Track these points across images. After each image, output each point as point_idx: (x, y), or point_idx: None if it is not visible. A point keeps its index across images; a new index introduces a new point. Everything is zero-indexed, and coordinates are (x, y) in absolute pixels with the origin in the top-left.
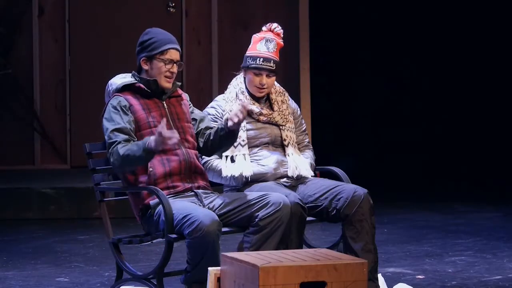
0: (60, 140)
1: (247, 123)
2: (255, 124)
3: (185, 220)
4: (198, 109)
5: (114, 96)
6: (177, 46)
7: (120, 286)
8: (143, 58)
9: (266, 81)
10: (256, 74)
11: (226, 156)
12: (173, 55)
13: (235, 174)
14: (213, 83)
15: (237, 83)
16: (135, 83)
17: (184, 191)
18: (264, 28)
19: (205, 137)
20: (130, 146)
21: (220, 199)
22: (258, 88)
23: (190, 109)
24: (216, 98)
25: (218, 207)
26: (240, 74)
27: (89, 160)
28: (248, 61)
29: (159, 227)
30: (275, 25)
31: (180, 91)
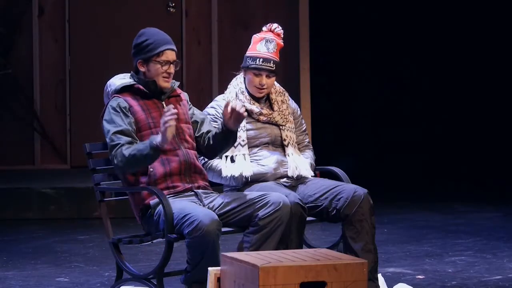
0: (60, 140)
1: (247, 123)
2: (255, 124)
3: (185, 220)
4: (198, 108)
5: (113, 97)
6: (172, 46)
7: (120, 286)
8: (139, 60)
9: (266, 81)
10: (255, 75)
11: (226, 156)
12: (169, 55)
13: (235, 174)
14: (213, 83)
15: (237, 83)
16: (134, 84)
17: (184, 191)
18: (264, 29)
19: (206, 141)
20: (136, 146)
21: (220, 199)
22: (258, 88)
23: (190, 110)
24: (216, 98)
25: (218, 207)
26: (240, 74)
27: (89, 160)
28: (248, 62)
29: (159, 227)
30: (275, 25)
31: (179, 90)
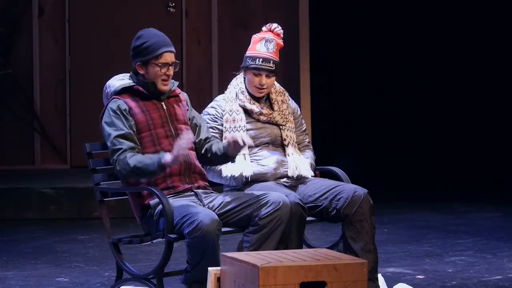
0: (60, 140)
1: (247, 123)
2: (255, 124)
3: (185, 220)
4: (198, 108)
5: (112, 99)
6: (171, 48)
7: (120, 286)
8: (138, 63)
9: (266, 81)
10: (255, 75)
11: None
12: (168, 58)
13: (235, 174)
14: (213, 83)
15: (237, 83)
16: (133, 85)
17: (183, 191)
18: (264, 28)
19: (203, 151)
20: (142, 159)
21: (220, 199)
22: (258, 88)
23: (188, 111)
24: (216, 98)
25: (218, 206)
26: (240, 74)
27: (89, 160)
28: (248, 61)
29: (159, 227)
30: (275, 25)
31: (178, 90)
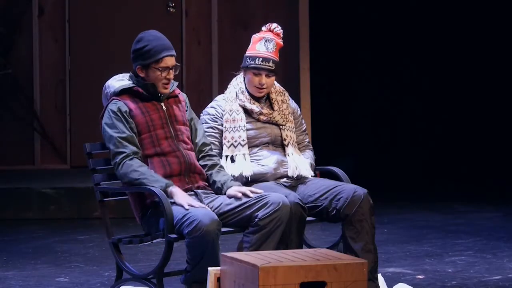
0: (60, 140)
1: (247, 123)
2: (255, 123)
3: (184, 220)
4: (198, 108)
5: (112, 100)
6: (172, 52)
7: (120, 286)
8: (138, 66)
9: (266, 81)
10: (255, 74)
11: (226, 156)
12: (168, 62)
13: (235, 174)
14: (213, 83)
15: (237, 83)
16: (133, 86)
17: (184, 191)
18: (263, 28)
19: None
20: (148, 175)
21: (220, 199)
22: (258, 88)
23: (187, 112)
24: (216, 98)
25: (218, 207)
26: (240, 74)
27: (89, 160)
28: (248, 61)
29: (159, 227)
30: (274, 25)
31: (178, 90)
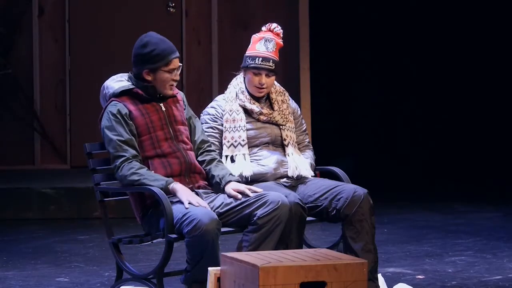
0: (60, 140)
1: (247, 123)
2: (255, 123)
3: (184, 219)
4: (198, 108)
5: (112, 102)
6: (177, 54)
7: (120, 286)
8: (146, 70)
9: (266, 80)
10: (255, 74)
11: (226, 156)
12: (176, 63)
13: (235, 174)
14: (213, 83)
15: (237, 83)
16: (133, 88)
17: None
18: (263, 28)
19: (198, 156)
20: (147, 176)
21: (220, 199)
22: (258, 88)
23: (185, 111)
24: (216, 98)
25: (218, 206)
26: (240, 74)
27: (89, 160)
28: (247, 61)
29: (159, 227)
30: (274, 25)
31: (176, 90)
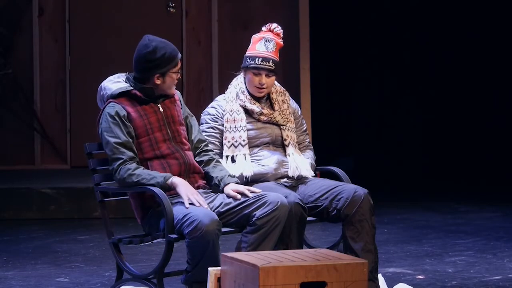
0: (60, 140)
1: (247, 123)
2: (255, 124)
3: (185, 220)
4: (199, 108)
5: (110, 103)
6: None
7: (120, 286)
8: (157, 74)
9: (266, 80)
10: (255, 74)
11: (227, 156)
12: (179, 63)
13: (235, 174)
14: (214, 83)
15: (238, 83)
16: (131, 89)
17: None
18: (263, 28)
19: (196, 154)
20: (145, 175)
21: (220, 199)
22: (258, 88)
23: (182, 110)
24: (216, 98)
25: (218, 206)
26: (240, 74)
27: (89, 160)
28: (248, 61)
29: (159, 228)
30: (274, 25)
31: (174, 90)
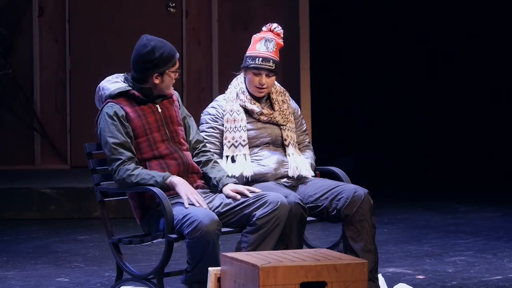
0: (60, 140)
1: (247, 123)
2: (255, 124)
3: (185, 220)
4: (199, 108)
5: (108, 103)
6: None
7: (120, 286)
8: (156, 74)
9: (266, 80)
10: (255, 74)
11: (227, 156)
12: (178, 63)
13: (235, 174)
14: (214, 83)
15: (238, 83)
16: (129, 90)
17: None
18: (264, 28)
19: (194, 154)
20: (143, 175)
21: (219, 199)
22: (258, 88)
23: (180, 110)
24: (216, 98)
25: (217, 207)
26: (241, 74)
27: (89, 160)
28: (248, 61)
29: (159, 228)
30: (275, 25)
31: (172, 90)
